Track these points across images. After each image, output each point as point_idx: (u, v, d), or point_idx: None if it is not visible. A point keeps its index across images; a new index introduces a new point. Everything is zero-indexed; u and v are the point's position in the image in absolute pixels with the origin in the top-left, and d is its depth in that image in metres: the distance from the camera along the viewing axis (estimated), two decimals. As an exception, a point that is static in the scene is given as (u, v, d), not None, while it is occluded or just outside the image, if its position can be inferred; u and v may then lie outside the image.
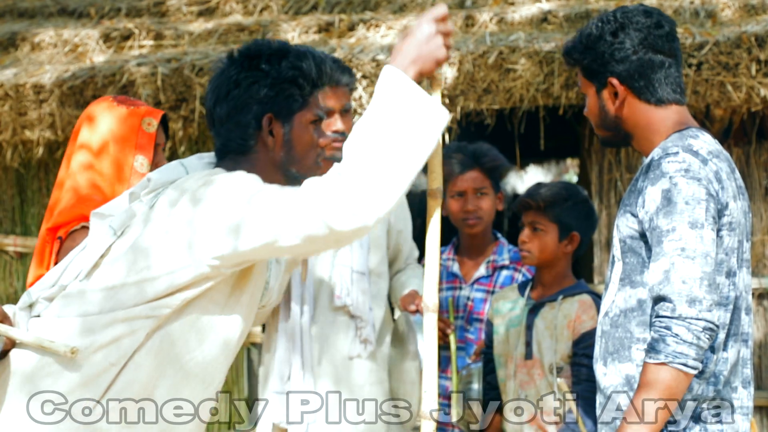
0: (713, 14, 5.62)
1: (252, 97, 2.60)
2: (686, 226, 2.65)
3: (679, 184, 2.67)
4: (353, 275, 3.92)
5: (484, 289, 4.29)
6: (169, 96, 5.37)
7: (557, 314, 3.77)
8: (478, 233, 4.31)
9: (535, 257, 3.85)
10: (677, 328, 2.61)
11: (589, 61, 2.87)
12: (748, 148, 5.43)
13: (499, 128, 5.82)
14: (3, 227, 5.79)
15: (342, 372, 3.90)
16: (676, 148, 2.73)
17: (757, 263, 5.38)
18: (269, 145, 2.62)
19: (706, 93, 5.16)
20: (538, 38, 5.35)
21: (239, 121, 2.61)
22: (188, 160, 2.69)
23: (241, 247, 2.41)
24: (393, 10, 6.15)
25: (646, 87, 2.84)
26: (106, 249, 2.54)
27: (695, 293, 2.62)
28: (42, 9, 6.67)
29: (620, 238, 2.80)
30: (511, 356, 3.85)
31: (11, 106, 5.51)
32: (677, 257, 2.63)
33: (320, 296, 3.92)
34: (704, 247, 2.65)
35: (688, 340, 2.61)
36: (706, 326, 2.62)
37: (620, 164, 5.45)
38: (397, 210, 4.11)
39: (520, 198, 3.92)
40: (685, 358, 2.61)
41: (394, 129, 2.38)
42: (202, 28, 6.03)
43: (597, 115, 2.90)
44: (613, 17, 2.87)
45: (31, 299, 2.58)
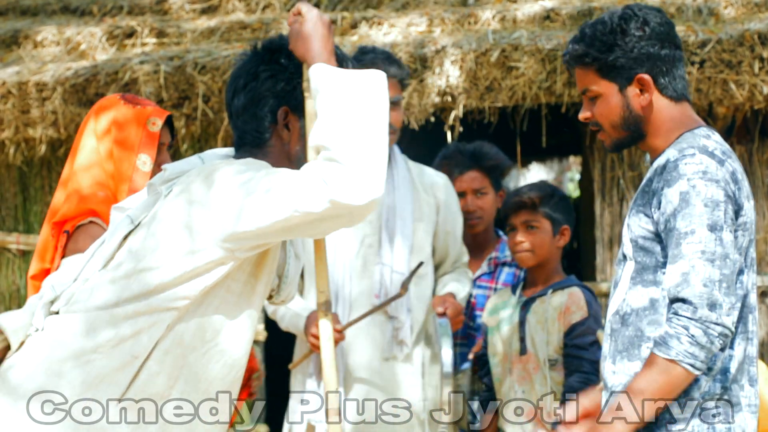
0: (716, 12, 5.62)
1: (269, 90, 2.61)
2: (705, 228, 2.64)
3: (698, 186, 2.66)
4: (393, 275, 3.87)
5: (486, 286, 4.31)
6: (171, 94, 5.37)
7: (547, 307, 3.82)
8: (479, 232, 4.33)
9: (535, 256, 3.88)
10: (695, 329, 2.61)
11: (613, 59, 2.81)
12: (751, 146, 5.43)
13: (501, 126, 5.82)
14: (6, 225, 5.79)
15: (376, 373, 3.86)
16: (693, 150, 2.71)
17: (760, 261, 5.38)
18: (284, 139, 2.63)
19: (708, 91, 5.15)
20: (541, 36, 5.35)
21: (255, 114, 2.62)
22: (206, 153, 2.71)
23: (251, 227, 2.40)
24: (395, 8, 6.14)
25: (669, 83, 2.83)
26: (122, 239, 2.55)
27: (716, 296, 2.62)
28: (44, 7, 6.67)
29: (631, 238, 2.79)
30: (506, 355, 3.88)
31: (14, 104, 5.51)
32: (697, 260, 2.63)
33: (359, 295, 3.88)
34: (724, 249, 2.64)
35: (702, 343, 2.61)
36: (722, 332, 2.62)
37: (623, 162, 5.45)
38: (446, 211, 4.07)
39: (510, 201, 3.96)
40: (694, 359, 2.62)
41: (354, 107, 2.40)
42: (205, 26, 6.03)
43: (619, 116, 2.84)
44: (632, 13, 2.83)
45: (56, 293, 2.58)
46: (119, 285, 2.48)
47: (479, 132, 5.76)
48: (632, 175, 5.43)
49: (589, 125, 2.94)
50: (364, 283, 3.87)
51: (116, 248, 2.55)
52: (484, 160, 4.30)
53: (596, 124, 2.92)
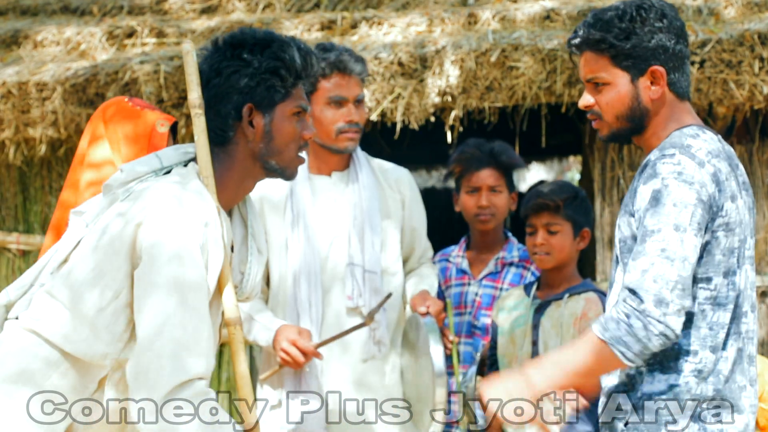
0: (716, 12, 5.62)
1: (232, 87, 2.57)
2: (671, 228, 2.62)
3: (670, 186, 2.64)
4: (365, 275, 3.84)
5: (492, 286, 4.30)
6: (171, 94, 5.37)
7: (563, 312, 3.76)
8: (490, 230, 4.31)
9: (554, 258, 3.82)
10: (635, 320, 2.59)
11: (630, 47, 2.75)
12: (751, 146, 5.43)
13: (501, 126, 5.82)
14: (6, 225, 5.79)
15: (355, 374, 3.84)
16: (673, 150, 2.69)
17: (760, 261, 5.38)
18: (249, 136, 2.59)
19: (709, 91, 5.15)
20: (541, 36, 5.35)
21: (219, 111, 2.58)
22: (164, 151, 2.66)
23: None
24: (395, 8, 6.14)
25: (678, 79, 2.80)
26: (76, 243, 2.54)
27: (664, 294, 2.59)
28: (45, 7, 6.67)
29: (620, 239, 2.79)
30: (516, 356, 3.84)
31: (14, 104, 5.51)
32: (656, 257, 2.61)
33: (332, 298, 3.88)
34: (684, 251, 2.62)
35: (639, 336, 2.59)
36: (663, 331, 2.59)
37: (623, 162, 5.45)
38: (412, 207, 4.05)
39: (533, 201, 3.89)
40: (626, 349, 2.61)
41: None
42: (205, 26, 6.03)
43: (627, 106, 2.79)
44: (651, 3, 2.77)
45: (9, 299, 2.57)
46: (68, 292, 2.48)
47: (479, 132, 5.76)
48: (632, 175, 5.43)
49: (588, 113, 2.87)
50: (336, 285, 3.84)
51: (69, 252, 2.54)
52: (501, 159, 4.28)
53: (596, 113, 2.85)
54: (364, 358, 3.84)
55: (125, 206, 2.49)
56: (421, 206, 4.09)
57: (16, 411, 2.44)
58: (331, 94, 3.76)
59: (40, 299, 2.51)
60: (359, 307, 3.82)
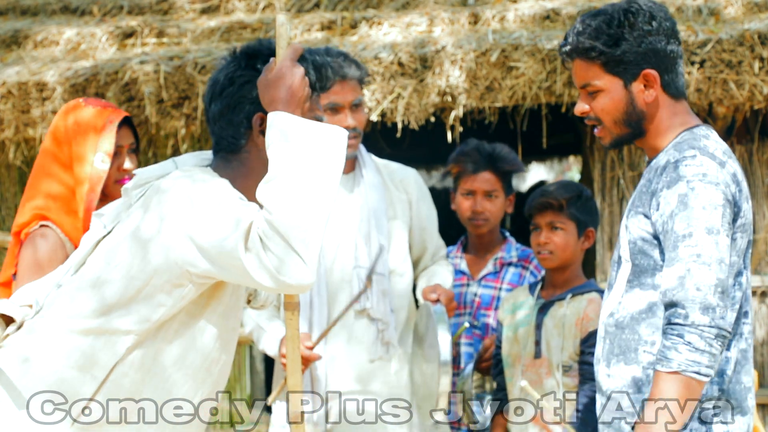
0: (716, 12, 5.62)
1: (245, 96, 2.58)
2: (703, 231, 2.61)
3: (697, 189, 2.63)
4: (373, 277, 3.84)
5: (491, 286, 4.30)
6: (171, 94, 5.37)
7: (566, 312, 3.75)
8: (484, 234, 4.31)
9: (557, 258, 3.81)
10: (690, 336, 2.59)
11: (620, 53, 2.74)
12: (751, 146, 5.43)
13: (501, 126, 5.82)
14: (6, 225, 5.79)
15: (364, 375, 3.84)
16: (693, 151, 2.68)
17: (759, 261, 5.38)
18: (260, 145, 2.59)
19: (709, 91, 5.15)
20: (541, 36, 5.35)
21: (231, 120, 2.59)
22: (181, 158, 2.68)
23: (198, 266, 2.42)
24: (396, 8, 6.14)
25: (671, 80, 2.79)
26: (94, 245, 2.54)
27: (709, 300, 2.59)
28: (45, 6, 6.67)
29: (630, 240, 2.77)
30: (520, 356, 3.83)
31: (14, 104, 5.51)
32: (693, 263, 2.60)
33: (338, 300, 3.86)
34: (719, 253, 2.62)
35: (701, 348, 2.58)
36: (718, 333, 2.59)
37: (623, 162, 5.45)
38: (419, 206, 4.04)
39: (537, 200, 3.88)
40: (698, 366, 2.59)
41: (305, 171, 2.37)
42: (205, 26, 6.03)
43: (622, 111, 2.78)
44: (639, 6, 2.76)
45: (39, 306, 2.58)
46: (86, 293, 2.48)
47: (479, 132, 5.77)
48: (632, 175, 5.44)
49: (585, 120, 2.87)
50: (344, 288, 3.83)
51: (88, 253, 2.55)
52: (500, 163, 4.25)
53: (595, 119, 2.84)
54: (371, 358, 3.83)
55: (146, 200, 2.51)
56: (430, 204, 4.08)
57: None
58: (326, 101, 3.74)
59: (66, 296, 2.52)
60: (366, 309, 3.82)
